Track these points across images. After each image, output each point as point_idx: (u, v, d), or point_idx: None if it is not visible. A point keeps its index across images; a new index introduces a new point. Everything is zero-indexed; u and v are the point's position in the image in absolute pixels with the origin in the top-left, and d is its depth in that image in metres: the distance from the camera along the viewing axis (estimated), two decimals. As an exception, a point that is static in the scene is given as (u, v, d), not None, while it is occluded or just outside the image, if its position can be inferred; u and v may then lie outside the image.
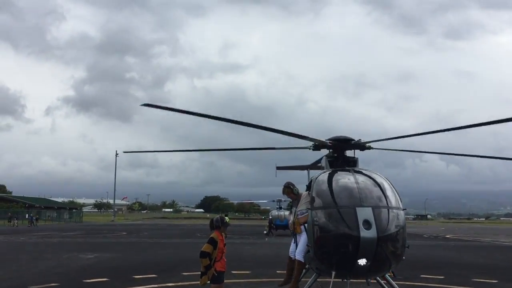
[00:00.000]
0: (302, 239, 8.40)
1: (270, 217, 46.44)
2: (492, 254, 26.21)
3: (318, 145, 9.11)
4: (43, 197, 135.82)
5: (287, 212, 45.69)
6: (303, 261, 8.46)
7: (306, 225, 8.14)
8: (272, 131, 8.67)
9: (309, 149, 9.31)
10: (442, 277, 15.20)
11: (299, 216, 8.45)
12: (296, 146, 9.45)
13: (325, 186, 7.89)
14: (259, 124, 8.40)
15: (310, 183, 8.62)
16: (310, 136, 8.99)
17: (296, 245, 8.82)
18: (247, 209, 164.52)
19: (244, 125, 8.71)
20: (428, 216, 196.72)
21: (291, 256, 8.99)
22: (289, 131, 8.43)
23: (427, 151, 9.74)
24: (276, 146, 10.08)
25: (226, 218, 40.38)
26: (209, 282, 7.96)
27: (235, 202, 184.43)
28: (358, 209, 7.08)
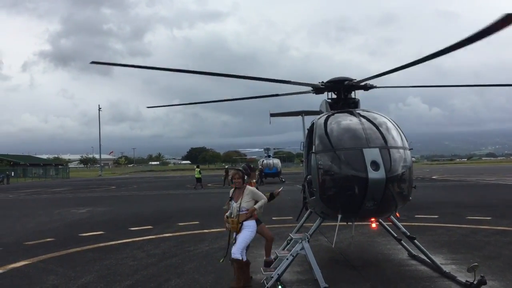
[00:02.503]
0: (242, 236, 7.23)
1: (260, 167, 46.67)
2: (480, 192, 26.71)
3: (319, 88, 8.73)
4: (27, 154, 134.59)
5: (276, 160, 45.89)
6: (241, 258, 7.17)
7: (245, 222, 7.21)
8: (273, 82, 8.35)
9: (311, 92, 8.94)
10: (437, 216, 15.38)
11: (241, 213, 7.27)
12: (298, 91, 9.07)
13: (329, 129, 7.58)
14: (262, 77, 8.18)
15: (311, 126, 8.30)
16: (309, 82, 8.72)
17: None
18: (233, 159, 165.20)
19: (246, 79, 8.44)
20: (412, 158, 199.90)
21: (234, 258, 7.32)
22: (286, 79, 8.29)
23: (431, 85, 9.35)
24: (267, 94, 9.76)
25: (197, 170, 39.96)
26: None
27: (222, 152, 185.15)
28: (365, 150, 6.83)
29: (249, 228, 7.29)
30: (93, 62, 7.19)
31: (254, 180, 8.32)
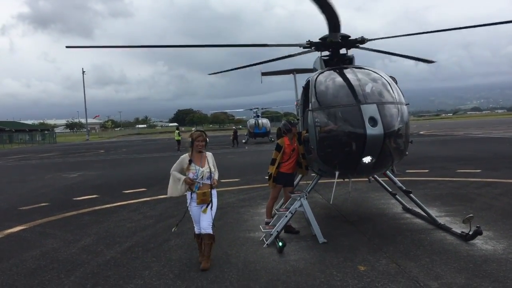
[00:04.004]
0: (214, 208, 6.56)
1: (234, 127, 46.62)
2: (468, 146, 27.06)
3: (311, 43, 8.57)
4: (12, 120, 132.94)
5: (265, 120, 45.81)
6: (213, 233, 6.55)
7: (213, 191, 6.54)
8: (264, 46, 8.23)
9: (301, 47, 8.77)
10: (427, 170, 15.60)
11: (207, 182, 6.51)
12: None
13: (325, 86, 7.51)
14: (252, 43, 8.07)
15: (307, 84, 8.21)
16: (300, 43, 8.61)
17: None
18: (221, 119, 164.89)
19: (237, 47, 8.26)
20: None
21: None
22: (277, 43, 8.24)
23: (419, 32, 9.08)
24: (259, 59, 9.65)
25: (176, 132, 39.32)
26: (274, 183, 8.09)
27: (209, 113, 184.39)
28: (363, 107, 6.79)
29: (216, 197, 6.65)
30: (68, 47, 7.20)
31: (296, 132, 8.15)
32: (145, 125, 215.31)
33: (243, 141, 44.55)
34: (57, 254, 7.47)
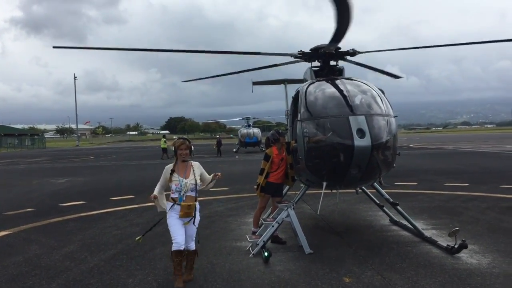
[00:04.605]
0: (197, 222, 6.23)
1: (218, 136, 46.28)
2: (457, 160, 27.23)
3: (303, 53, 8.62)
4: (1, 124, 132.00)
5: (256, 130, 45.90)
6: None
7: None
8: (257, 54, 8.29)
9: (292, 57, 8.80)
10: (416, 183, 15.66)
11: (191, 194, 6.09)
12: (281, 60, 8.97)
13: (314, 96, 7.54)
14: (244, 51, 8.11)
15: (296, 94, 8.24)
16: (291, 53, 8.68)
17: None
18: (213, 128, 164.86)
19: (230, 53, 8.30)
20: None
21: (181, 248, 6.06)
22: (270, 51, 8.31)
23: (409, 47, 9.18)
24: (250, 68, 9.68)
25: (162, 140, 38.44)
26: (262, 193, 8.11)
27: (201, 122, 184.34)
28: (351, 118, 6.83)
29: (198, 211, 6.30)
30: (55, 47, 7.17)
31: (284, 141, 8.14)
32: (136, 132, 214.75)
33: (234, 150, 44.57)
34: (40, 261, 7.37)
